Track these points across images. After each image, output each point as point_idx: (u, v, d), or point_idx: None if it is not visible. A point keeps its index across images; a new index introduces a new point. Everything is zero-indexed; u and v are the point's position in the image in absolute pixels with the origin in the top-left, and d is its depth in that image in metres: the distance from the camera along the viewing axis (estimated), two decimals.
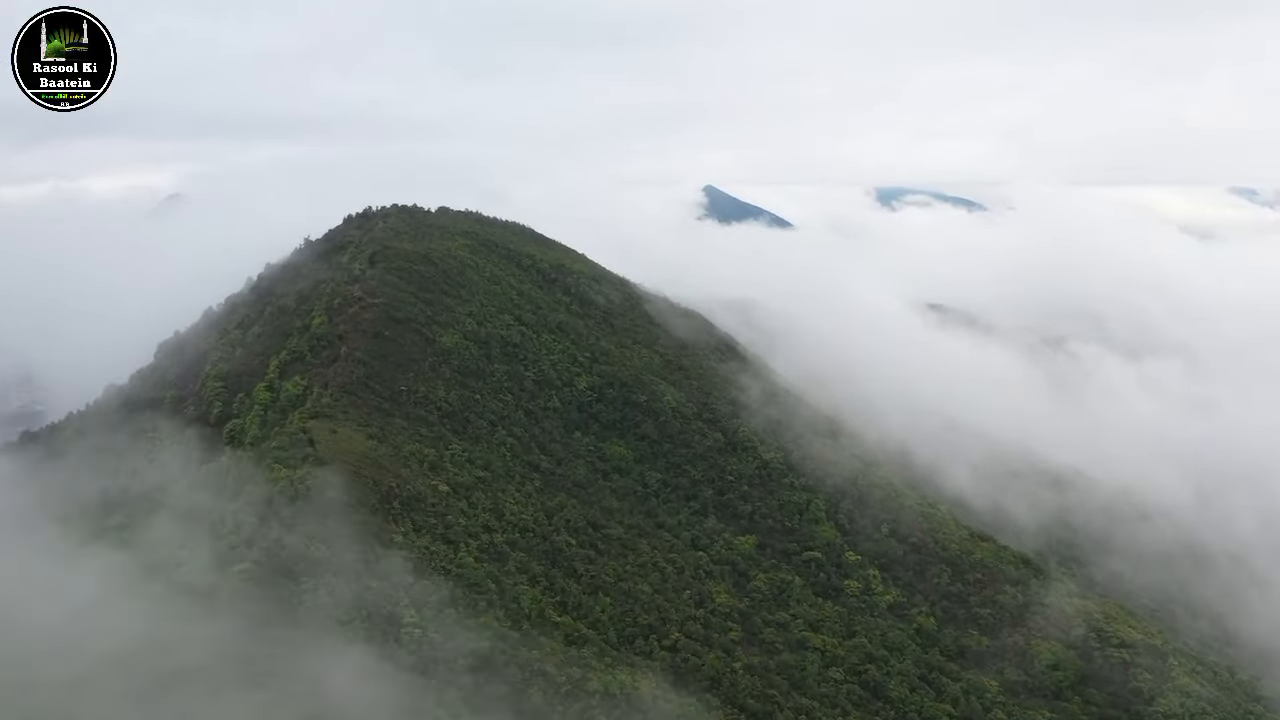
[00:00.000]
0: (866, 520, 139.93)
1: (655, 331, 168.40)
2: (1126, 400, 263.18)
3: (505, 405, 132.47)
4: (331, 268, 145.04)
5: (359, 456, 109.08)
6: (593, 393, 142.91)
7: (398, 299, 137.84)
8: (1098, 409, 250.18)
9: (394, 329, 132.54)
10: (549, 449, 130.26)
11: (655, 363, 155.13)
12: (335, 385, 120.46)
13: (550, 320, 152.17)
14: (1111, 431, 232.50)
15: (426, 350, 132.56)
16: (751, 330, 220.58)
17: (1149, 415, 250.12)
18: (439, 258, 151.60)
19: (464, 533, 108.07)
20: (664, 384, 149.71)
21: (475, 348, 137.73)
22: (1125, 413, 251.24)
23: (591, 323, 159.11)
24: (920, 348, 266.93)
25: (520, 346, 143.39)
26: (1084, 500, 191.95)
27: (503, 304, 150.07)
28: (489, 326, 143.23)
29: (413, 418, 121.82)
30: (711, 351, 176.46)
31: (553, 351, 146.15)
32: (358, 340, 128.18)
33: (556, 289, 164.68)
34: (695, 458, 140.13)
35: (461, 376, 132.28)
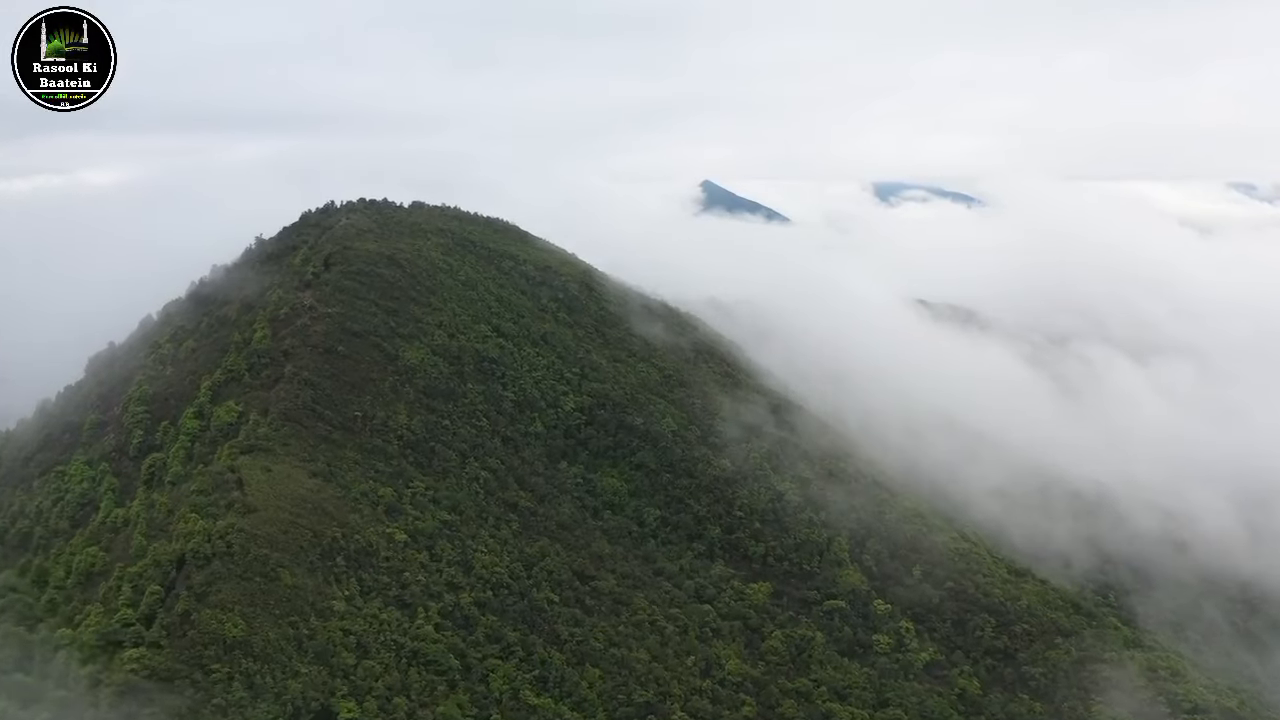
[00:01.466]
0: (896, 562, 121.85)
1: (653, 342, 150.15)
2: (1144, 406, 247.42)
3: (479, 432, 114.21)
4: (281, 272, 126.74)
5: (298, 501, 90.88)
6: (581, 415, 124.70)
7: (355, 308, 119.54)
8: (1115, 416, 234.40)
9: (349, 344, 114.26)
10: (530, 483, 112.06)
11: (653, 378, 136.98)
12: (276, 412, 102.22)
13: (534, 331, 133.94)
14: (1133, 441, 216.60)
15: (387, 368, 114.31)
16: (753, 333, 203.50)
17: (1170, 423, 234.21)
18: (407, 260, 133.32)
19: (424, 593, 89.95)
20: (663, 403, 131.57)
21: (445, 364, 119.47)
22: (1145, 420, 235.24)
23: (581, 333, 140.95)
24: (925, 350, 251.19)
25: (498, 362, 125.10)
26: (1118, 523, 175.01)
27: (479, 312, 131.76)
28: (462, 339, 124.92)
29: (368, 450, 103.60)
30: (715, 363, 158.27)
31: (536, 368, 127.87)
32: (305, 357, 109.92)
33: (542, 294, 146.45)
34: (699, 489, 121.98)
35: (428, 399, 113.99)
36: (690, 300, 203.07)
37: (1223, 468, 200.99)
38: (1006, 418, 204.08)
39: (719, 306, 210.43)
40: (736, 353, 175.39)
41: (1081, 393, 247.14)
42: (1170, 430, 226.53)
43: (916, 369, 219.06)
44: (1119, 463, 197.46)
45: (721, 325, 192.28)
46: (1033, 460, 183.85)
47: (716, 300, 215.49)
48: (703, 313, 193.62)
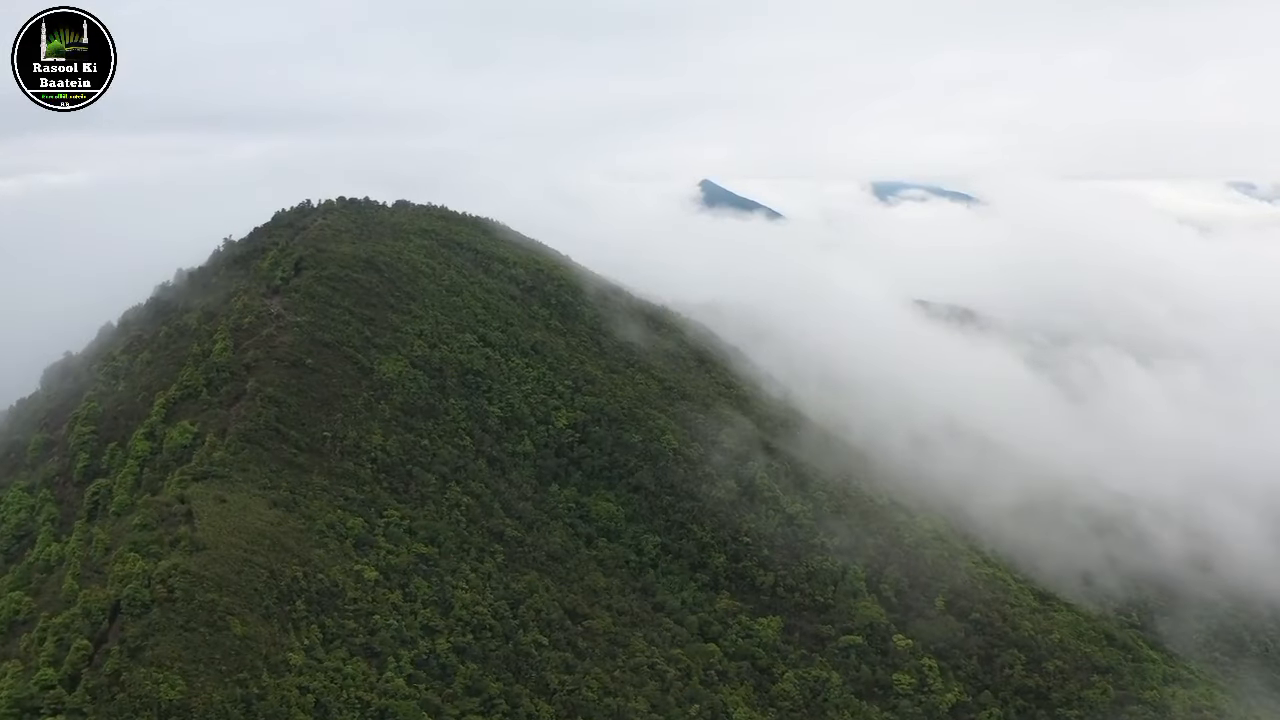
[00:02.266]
0: (917, 591, 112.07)
1: (652, 351, 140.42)
2: (1153, 412, 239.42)
3: (462, 453, 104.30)
4: (248, 276, 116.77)
5: (254, 536, 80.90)
6: (575, 432, 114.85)
7: (327, 316, 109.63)
8: (1125, 423, 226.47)
9: (319, 356, 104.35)
10: (517, 509, 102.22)
11: (652, 390, 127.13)
12: (235, 433, 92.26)
13: (523, 340, 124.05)
14: (1146, 448, 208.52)
15: (361, 383, 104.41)
16: (753, 337, 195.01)
17: (1181, 429, 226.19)
18: (386, 263, 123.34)
19: (395, 639, 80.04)
20: (663, 418, 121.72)
21: (425, 378, 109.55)
22: (1155, 427, 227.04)
23: (575, 341, 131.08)
24: (928, 353, 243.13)
25: (484, 375, 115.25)
26: (1139, 538, 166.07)
27: (464, 320, 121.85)
28: (445, 349, 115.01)
29: (337, 474, 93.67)
30: (718, 372, 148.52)
31: (525, 380, 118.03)
32: (270, 371, 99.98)
33: (533, 300, 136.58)
34: (703, 514, 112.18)
35: (406, 416, 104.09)
36: (690, 303, 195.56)
37: (1239, 477, 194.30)
38: (1013, 424, 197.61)
39: (719, 310, 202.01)
40: (739, 360, 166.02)
41: (1088, 397, 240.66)
42: (1181, 436, 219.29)
43: (919, 373, 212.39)
44: (1133, 473, 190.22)
45: (722, 329, 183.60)
46: (1045, 471, 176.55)
47: (716, 303, 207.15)
48: (703, 316, 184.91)
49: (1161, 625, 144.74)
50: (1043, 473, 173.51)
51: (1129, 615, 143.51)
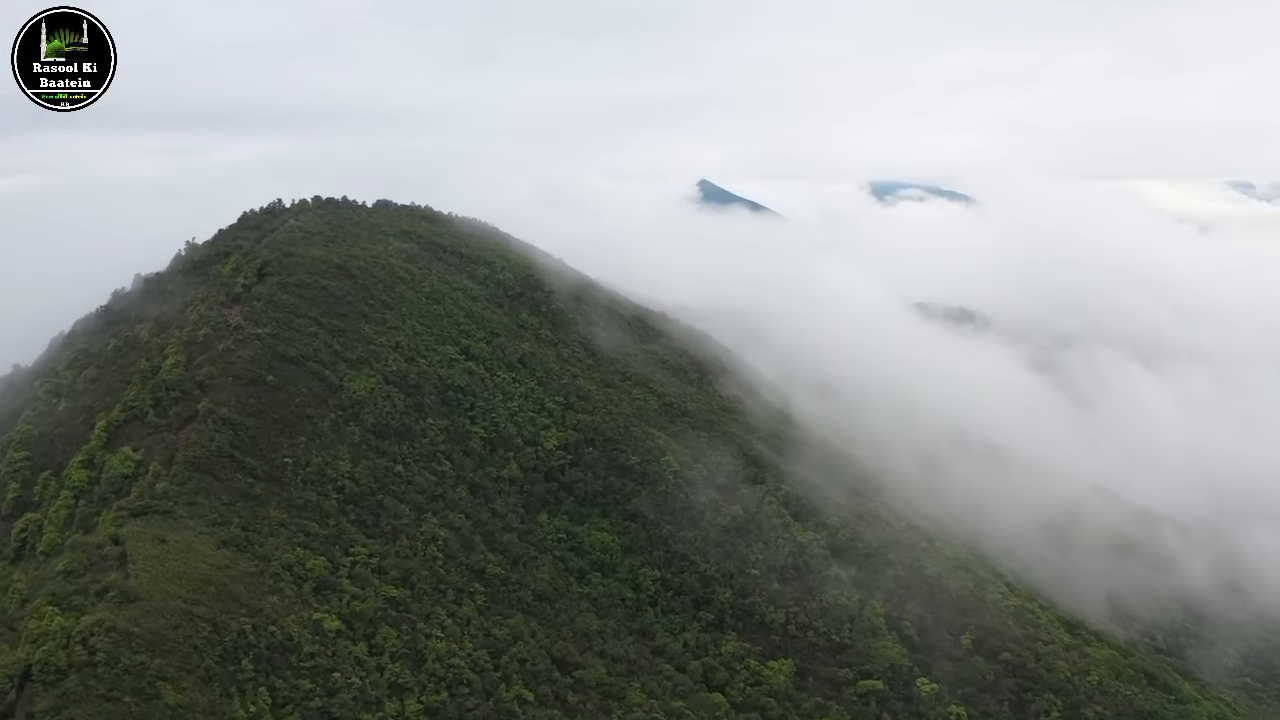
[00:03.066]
0: (941, 628, 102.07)
1: (651, 362, 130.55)
2: (1166, 420, 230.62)
3: (440, 479, 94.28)
4: (209, 283, 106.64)
5: (197, 583, 70.86)
6: (566, 454, 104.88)
7: (292, 328, 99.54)
8: (1138, 431, 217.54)
9: (282, 372, 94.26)
10: (501, 542, 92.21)
11: (651, 406, 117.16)
12: (183, 460, 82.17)
13: (510, 352, 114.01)
14: (1161, 458, 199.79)
15: (328, 402, 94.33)
16: (755, 343, 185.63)
17: (1196, 439, 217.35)
18: (361, 268, 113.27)
19: (357, 701, 70.02)
20: (663, 436, 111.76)
21: (401, 396, 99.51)
22: (1169, 435, 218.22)
23: (568, 352, 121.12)
24: (932, 359, 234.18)
25: (466, 391, 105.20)
26: (1164, 558, 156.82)
27: (445, 331, 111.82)
28: (423, 363, 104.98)
29: (298, 506, 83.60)
30: (722, 382, 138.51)
31: (512, 397, 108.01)
32: (225, 390, 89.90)
33: (522, 307, 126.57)
34: (707, 543, 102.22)
35: (377, 439, 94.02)
36: (688, 307, 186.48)
37: (1260, 488, 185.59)
38: (1023, 433, 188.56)
39: (717, 314, 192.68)
40: (741, 369, 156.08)
41: (1097, 404, 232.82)
42: (1196, 445, 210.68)
43: (924, 379, 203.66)
44: (1150, 485, 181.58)
45: (721, 334, 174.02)
46: (1059, 484, 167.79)
47: (715, 308, 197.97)
48: (701, 321, 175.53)
49: (1191, 649, 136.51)
50: (1057, 486, 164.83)
51: (1156, 639, 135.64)
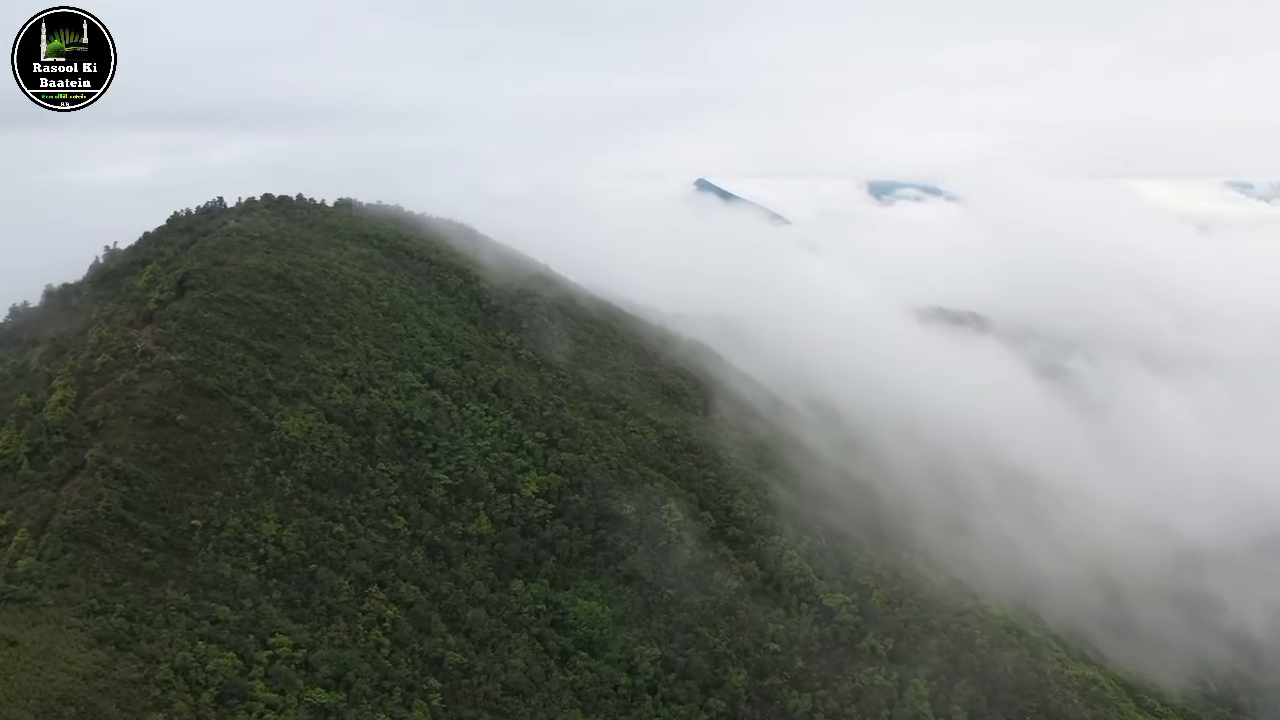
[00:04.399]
0: (998, 712, 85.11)
1: (648, 384, 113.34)
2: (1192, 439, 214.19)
3: (391, 540, 76.92)
4: (119, 299, 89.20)
5: (53, 703, 53.53)
6: (548, 503, 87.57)
7: (214, 353, 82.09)
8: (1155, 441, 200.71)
9: (197, 409, 76.86)
10: (464, 620, 74.89)
11: (650, 442, 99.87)
12: (59, 526, 64.79)
13: (484, 378, 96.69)
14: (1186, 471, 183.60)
15: (254, 446, 76.93)
16: (757, 354, 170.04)
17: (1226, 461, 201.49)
18: (306, 279, 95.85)
19: None
20: (664, 479, 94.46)
21: (346, 436, 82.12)
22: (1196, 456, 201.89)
23: (552, 376, 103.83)
24: (940, 370, 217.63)
25: (429, 428, 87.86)
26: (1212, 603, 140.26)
27: (405, 354, 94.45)
28: (376, 394, 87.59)
29: (206, 583, 66.26)
30: (728, 408, 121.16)
31: (484, 433, 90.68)
32: (124, 433, 72.50)
33: (499, 323, 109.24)
34: (716, 611, 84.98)
35: (314, 491, 76.64)
36: (687, 315, 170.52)
37: None
38: (1041, 452, 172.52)
39: (717, 323, 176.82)
40: (745, 387, 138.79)
41: (1111, 416, 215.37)
42: (1218, 458, 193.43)
43: (931, 391, 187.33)
44: (1181, 507, 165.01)
45: (720, 344, 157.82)
46: (1092, 515, 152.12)
47: (714, 316, 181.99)
48: (701, 331, 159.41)
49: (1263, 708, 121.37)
50: (1090, 518, 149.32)
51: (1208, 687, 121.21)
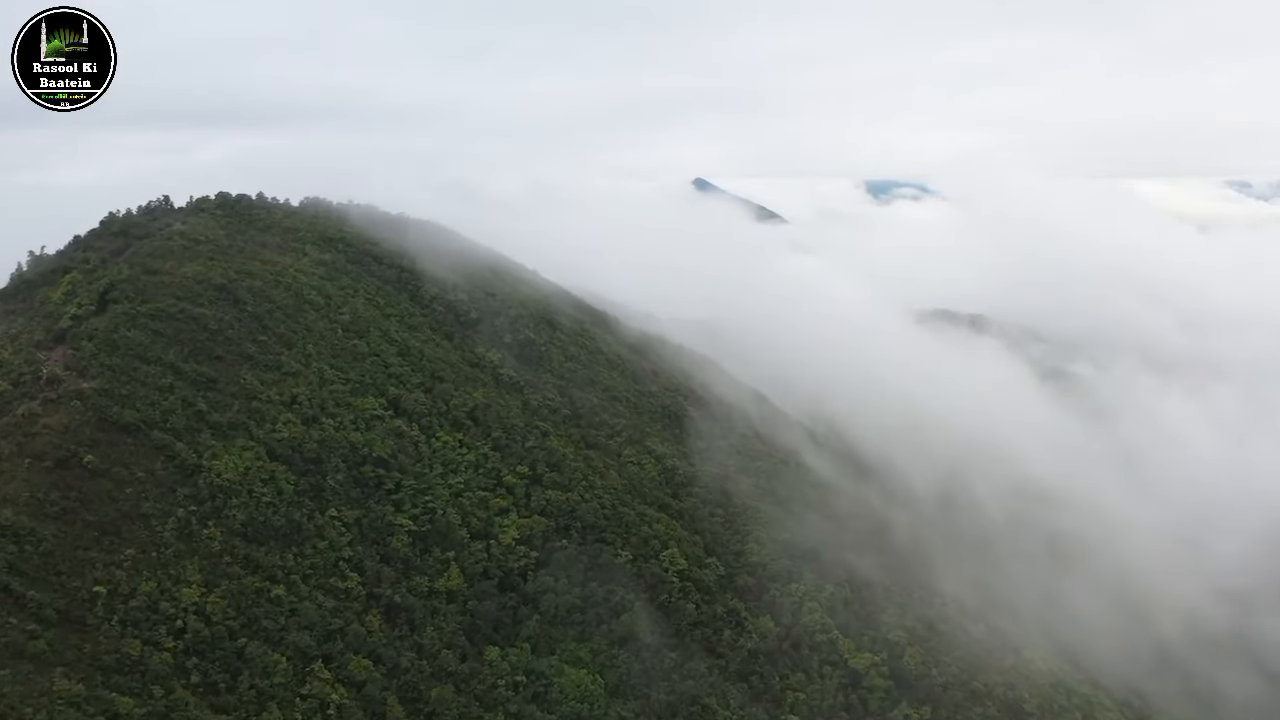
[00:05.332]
0: None
1: (645, 405, 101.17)
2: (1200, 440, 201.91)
3: (341, 604, 64.58)
4: (30, 314, 76.81)
5: None
6: (530, 551, 75.33)
7: (136, 378, 69.74)
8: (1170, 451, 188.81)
9: (110, 448, 64.49)
10: (428, 701, 62.53)
11: (648, 475, 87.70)
12: None
13: (458, 403, 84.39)
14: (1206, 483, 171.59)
15: (178, 492, 64.51)
16: (752, 362, 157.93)
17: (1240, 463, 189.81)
18: (254, 290, 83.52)
19: None
20: (665, 519, 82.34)
21: (291, 477, 69.73)
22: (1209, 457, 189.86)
23: (537, 399, 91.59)
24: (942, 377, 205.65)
25: (391, 464, 75.58)
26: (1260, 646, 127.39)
27: (366, 376, 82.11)
28: (329, 425, 75.25)
29: (104, 667, 53.80)
30: (734, 431, 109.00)
31: (457, 468, 78.40)
32: (18, 478, 60.08)
33: (478, 338, 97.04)
34: (726, 678, 72.88)
35: (248, 546, 64.26)
36: (685, 320, 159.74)
37: None
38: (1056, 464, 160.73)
39: (716, 330, 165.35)
40: (748, 403, 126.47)
41: (1122, 422, 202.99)
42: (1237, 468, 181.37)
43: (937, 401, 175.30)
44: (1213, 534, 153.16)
45: (720, 352, 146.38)
46: (1122, 541, 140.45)
47: (713, 322, 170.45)
48: (700, 340, 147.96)
49: None
50: (1120, 545, 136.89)
51: None
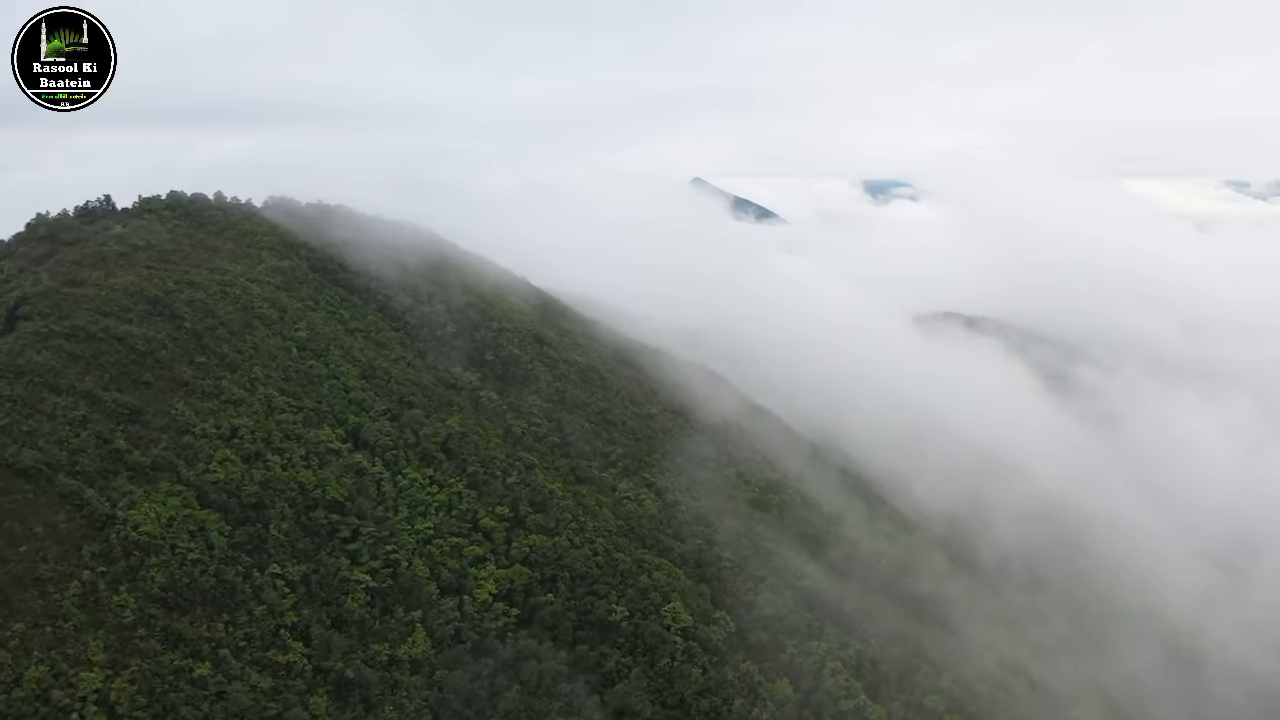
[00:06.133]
0: None
1: (646, 434, 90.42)
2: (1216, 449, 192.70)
3: (279, 684, 53.73)
4: None
5: None
6: (510, 608, 64.64)
7: (41, 412, 58.85)
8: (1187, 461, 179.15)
9: (6, 495, 53.61)
10: None
11: (647, 514, 77.08)
12: None
13: (428, 434, 73.62)
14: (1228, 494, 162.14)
15: (82, 551, 53.64)
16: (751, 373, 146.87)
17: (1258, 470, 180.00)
18: (196, 303, 72.73)
19: None
20: (667, 566, 71.73)
21: (225, 528, 58.88)
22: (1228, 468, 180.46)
23: (522, 427, 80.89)
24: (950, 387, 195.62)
25: (348, 508, 64.76)
26: None
27: (323, 402, 71.31)
28: (275, 463, 64.40)
29: None
30: (740, 457, 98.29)
31: (426, 511, 67.65)
32: None
33: (458, 355, 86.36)
34: None
35: (168, 615, 53.49)
36: (688, 330, 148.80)
37: None
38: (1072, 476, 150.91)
39: (715, 340, 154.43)
40: (764, 424, 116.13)
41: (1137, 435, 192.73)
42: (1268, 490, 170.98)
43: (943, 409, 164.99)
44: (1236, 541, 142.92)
45: (719, 363, 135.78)
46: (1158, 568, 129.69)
47: (712, 331, 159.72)
48: (697, 350, 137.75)
49: None
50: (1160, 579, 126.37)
51: None
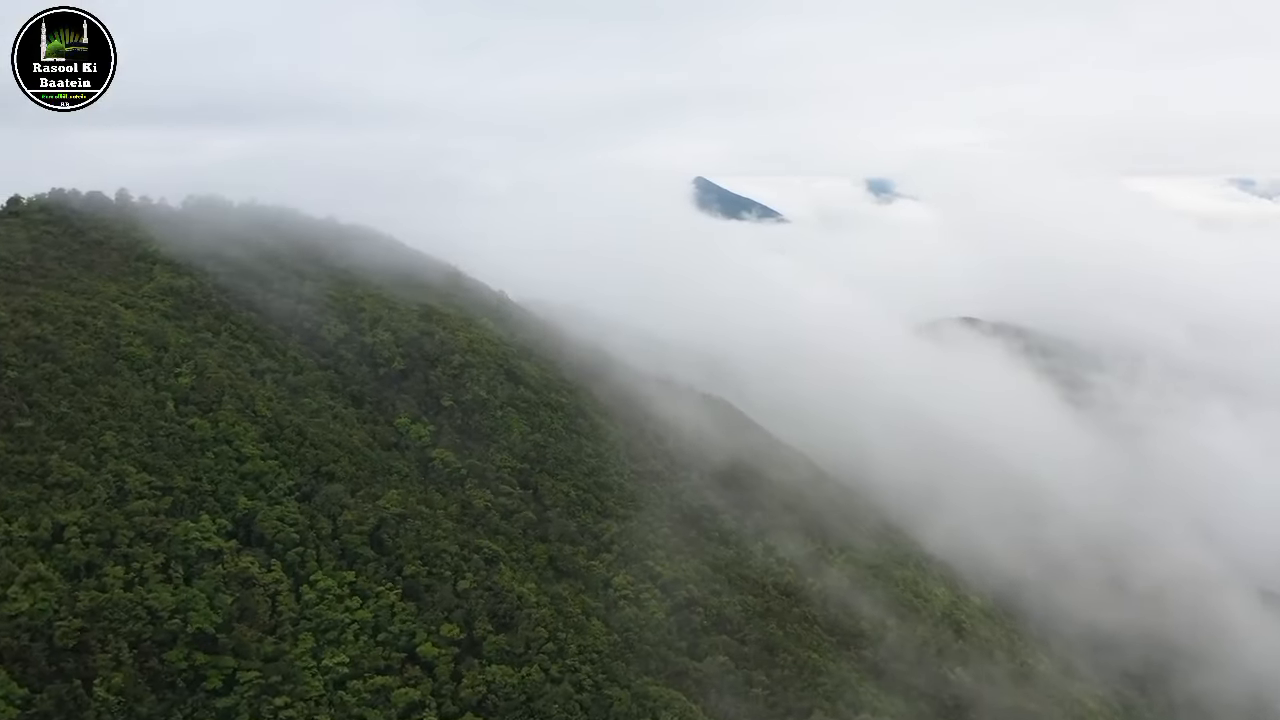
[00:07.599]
0: None
1: (653, 502, 70.86)
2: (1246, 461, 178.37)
3: None
4: None
5: None
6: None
7: None
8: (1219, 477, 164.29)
9: None
10: None
11: (654, 620, 57.54)
12: None
13: (352, 519, 53.69)
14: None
15: None
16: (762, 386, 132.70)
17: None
18: (32, 343, 53.10)
19: None
20: (680, 702, 52.36)
21: (18, 689, 39.47)
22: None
23: (485, 499, 61.37)
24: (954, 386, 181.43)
25: (223, 641, 45.14)
26: None
27: (204, 477, 51.56)
28: (114, 578, 44.70)
29: None
30: (779, 522, 78.18)
31: (341, 639, 47.99)
32: None
33: (405, 400, 66.89)
34: None
35: None
36: (695, 350, 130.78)
37: None
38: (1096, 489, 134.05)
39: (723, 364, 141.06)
40: (790, 473, 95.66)
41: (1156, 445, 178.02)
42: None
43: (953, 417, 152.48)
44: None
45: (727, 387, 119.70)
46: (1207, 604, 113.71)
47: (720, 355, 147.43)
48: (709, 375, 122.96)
49: None
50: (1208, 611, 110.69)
51: None
